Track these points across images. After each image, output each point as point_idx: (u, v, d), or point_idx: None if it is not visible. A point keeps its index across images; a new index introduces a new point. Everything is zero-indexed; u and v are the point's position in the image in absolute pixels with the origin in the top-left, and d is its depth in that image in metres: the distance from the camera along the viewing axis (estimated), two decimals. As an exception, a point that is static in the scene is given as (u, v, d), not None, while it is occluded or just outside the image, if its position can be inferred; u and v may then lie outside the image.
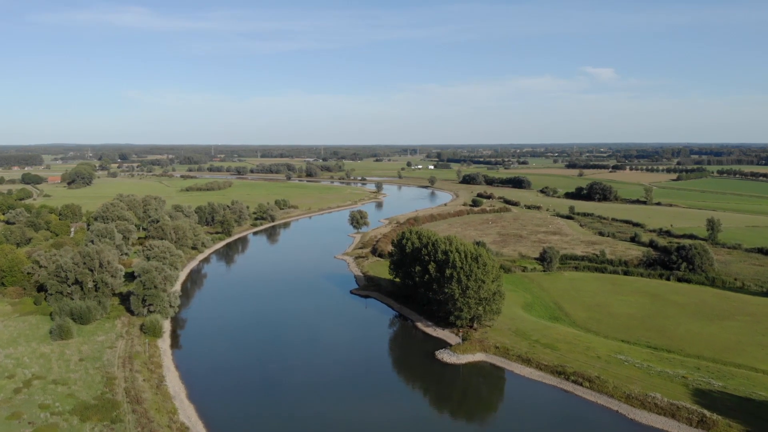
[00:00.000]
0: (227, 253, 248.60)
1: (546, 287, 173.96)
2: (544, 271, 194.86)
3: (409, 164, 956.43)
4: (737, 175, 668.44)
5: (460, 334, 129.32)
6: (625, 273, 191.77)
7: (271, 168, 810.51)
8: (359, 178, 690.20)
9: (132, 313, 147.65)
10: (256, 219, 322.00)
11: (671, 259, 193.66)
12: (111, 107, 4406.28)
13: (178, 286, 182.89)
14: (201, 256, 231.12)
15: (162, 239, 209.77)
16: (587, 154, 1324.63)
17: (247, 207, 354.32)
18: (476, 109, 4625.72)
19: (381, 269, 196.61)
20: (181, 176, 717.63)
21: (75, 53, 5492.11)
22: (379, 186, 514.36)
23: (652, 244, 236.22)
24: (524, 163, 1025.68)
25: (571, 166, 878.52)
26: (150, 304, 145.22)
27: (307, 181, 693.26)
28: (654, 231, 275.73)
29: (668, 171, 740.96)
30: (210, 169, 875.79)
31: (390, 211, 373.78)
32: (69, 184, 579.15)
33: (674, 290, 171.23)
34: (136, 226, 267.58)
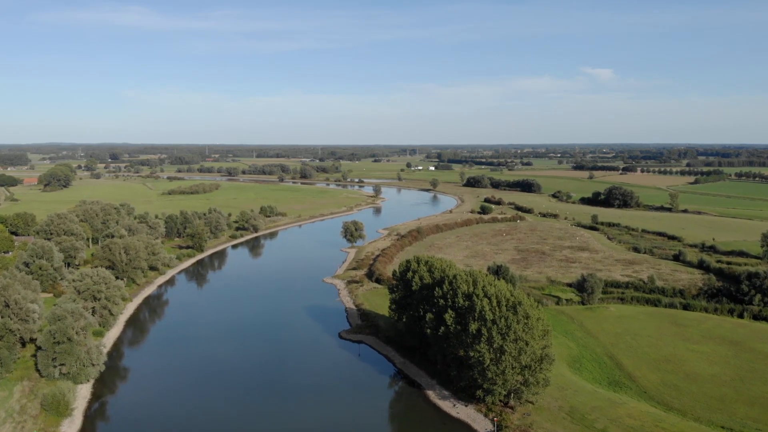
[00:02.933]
0: (196, 274, 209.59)
1: (591, 329, 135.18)
2: (582, 303, 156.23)
3: (408, 165, 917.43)
4: (757, 178, 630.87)
5: (494, 418, 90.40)
6: (685, 307, 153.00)
7: (264, 169, 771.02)
8: (356, 180, 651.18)
9: (41, 373, 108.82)
10: (237, 229, 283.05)
11: (741, 290, 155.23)
12: (109, 106, 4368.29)
13: (118, 326, 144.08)
14: (161, 279, 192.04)
15: (109, 260, 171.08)
16: (591, 155, 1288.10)
17: (229, 215, 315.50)
18: (476, 109, 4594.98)
19: (379, 300, 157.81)
20: (168, 178, 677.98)
21: (75, 52, 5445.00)
22: (377, 189, 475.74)
23: (702, 265, 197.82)
24: (528, 164, 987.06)
25: (579, 167, 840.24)
26: (62, 364, 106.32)
27: (302, 183, 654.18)
28: (695, 246, 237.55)
29: (682, 173, 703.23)
30: (200, 170, 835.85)
31: (389, 219, 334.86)
32: (45, 186, 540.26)
33: (756, 334, 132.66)
34: (91, 239, 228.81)
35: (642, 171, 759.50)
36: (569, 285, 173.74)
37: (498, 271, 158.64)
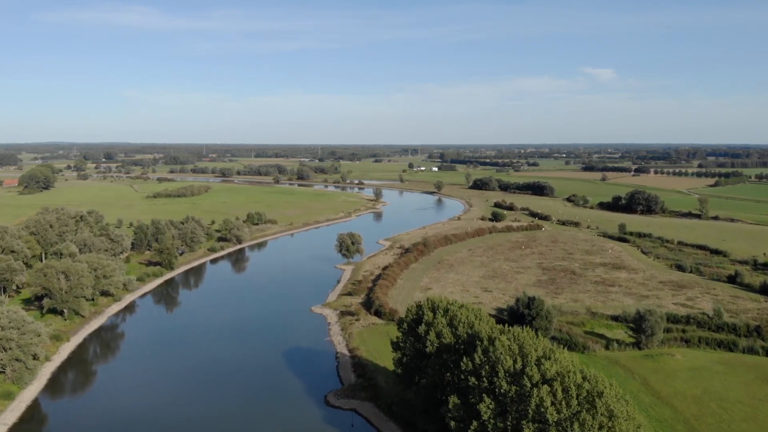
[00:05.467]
0: (163, 298, 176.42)
1: (661, 391, 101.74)
2: (637, 345, 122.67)
3: (410, 165, 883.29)
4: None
5: None
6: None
7: (260, 170, 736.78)
8: (356, 182, 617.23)
9: None
10: (219, 240, 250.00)
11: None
12: (110, 106, 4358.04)
13: (41, 380, 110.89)
14: (116, 307, 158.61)
15: (45, 287, 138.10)
16: (597, 156, 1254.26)
17: (212, 222, 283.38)
18: (476, 109, 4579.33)
19: (379, 343, 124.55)
20: (158, 179, 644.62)
21: (76, 52, 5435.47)
22: (377, 192, 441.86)
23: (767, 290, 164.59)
24: (534, 164, 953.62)
25: (588, 168, 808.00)
26: None
27: (298, 184, 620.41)
28: (745, 263, 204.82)
29: (698, 175, 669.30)
30: (194, 171, 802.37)
31: (391, 227, 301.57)
32: (25, 188, 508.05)
33: None
34: (44, 256, 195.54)
35: (655, 172, 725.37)
36: (615, 318, 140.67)
37: (530, 305, 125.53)
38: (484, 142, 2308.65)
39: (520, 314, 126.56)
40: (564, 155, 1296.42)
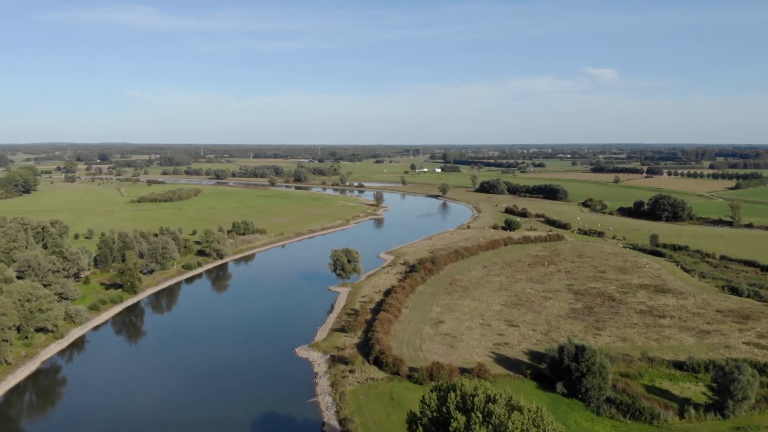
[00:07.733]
0: (122, 329, 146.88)
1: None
2: (719, 408, 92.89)
3: (413, 167, 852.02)
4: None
5: None
6: None
7: (256, 171, 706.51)
8: (356, 184, 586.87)
9: None
10: (199, 253, 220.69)
11: None
12: (112, 106, 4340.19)
13: None
14: (56, 346, 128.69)
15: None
16: (602, 156, 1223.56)
17: (193, 232, 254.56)
18: (478, 110, 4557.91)
19: (380, 412, 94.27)
20: (148, 181, 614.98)
21: (78, 52, 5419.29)
22: (378, 196, 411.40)
23: None
24: (540, 165, 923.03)
25: (598, 169, 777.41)
26: None
27: (295, 187, 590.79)
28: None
29: (714, 177, 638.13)
30: (187, 172, 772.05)
31: (393, 236, 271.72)
32: (4, 192, 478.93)
33: None
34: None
35: (669, 174, 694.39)
36: (678, 366, 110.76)
37: (578, 357, 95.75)
38: (486, 143, 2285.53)
39: (566, 368, 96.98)
40: (569, 156, 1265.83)
